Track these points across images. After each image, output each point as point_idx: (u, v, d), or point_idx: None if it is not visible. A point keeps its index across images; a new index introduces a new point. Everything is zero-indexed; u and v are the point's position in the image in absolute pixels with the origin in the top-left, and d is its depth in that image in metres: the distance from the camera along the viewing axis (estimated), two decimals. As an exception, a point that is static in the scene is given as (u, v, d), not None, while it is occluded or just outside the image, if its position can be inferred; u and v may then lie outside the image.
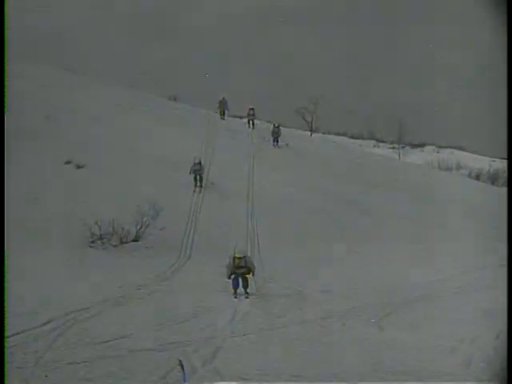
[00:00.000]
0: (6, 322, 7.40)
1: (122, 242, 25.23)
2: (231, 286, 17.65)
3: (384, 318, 15.01)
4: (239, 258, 17.70)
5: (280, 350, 11.26)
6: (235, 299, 17.13)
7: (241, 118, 57.16)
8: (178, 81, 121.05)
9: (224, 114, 47.53)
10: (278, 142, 43.20)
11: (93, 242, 24.83)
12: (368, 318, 15.04)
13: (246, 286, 17.73)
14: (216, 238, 26.82)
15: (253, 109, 46.91)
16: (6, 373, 6.10)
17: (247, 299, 17.27)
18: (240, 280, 17.72)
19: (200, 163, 32.31)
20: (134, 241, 25.57)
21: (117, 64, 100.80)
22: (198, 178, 32.08)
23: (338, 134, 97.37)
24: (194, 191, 31.54)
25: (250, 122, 46.95)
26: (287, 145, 43.56)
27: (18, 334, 12.09)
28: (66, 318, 13.78)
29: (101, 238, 24.95)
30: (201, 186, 32.03)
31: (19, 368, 9.71)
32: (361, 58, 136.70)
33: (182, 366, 8.31)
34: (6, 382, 6.02)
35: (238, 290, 17.66)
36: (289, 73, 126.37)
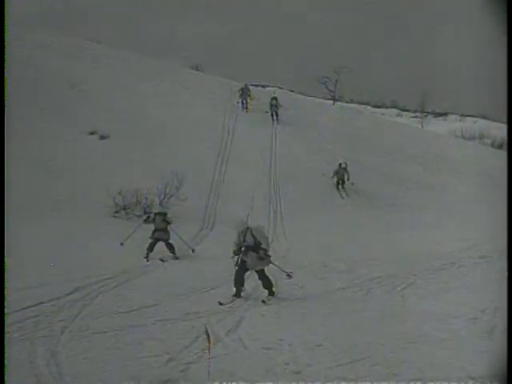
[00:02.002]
0: (5, 322, 7.49)
1: (145, 213, 25.38)
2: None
3: (407, 287, 15.04)
4: (240, 231, 13.87)
5: (302, 320, 11.34)
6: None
7: (263, 86, 56.92)
8: (200, 50, 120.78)
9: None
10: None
11: (117, 212, 25.00)
12: (391, 287, 15.08)
13: (268, 286, 13.58)
14: (239, 208, 26.88)
15: (275, 98, 39.98)
16: (5, 373, 6.21)
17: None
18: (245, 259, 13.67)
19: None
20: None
21: (142, 34, 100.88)
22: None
23: (360, 102, 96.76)
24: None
25: (274, 114, 39.18)
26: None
27: (43, 303, 12.30)
28: (91, 288, 13.97)
29: (124, 208, 25.13)
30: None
31: (45, 337, 9.87)
32: (385, 21, 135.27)
33: (207, 334, 8.40)
34: (6, 382, 6.14)
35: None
36: (312, 41, 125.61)
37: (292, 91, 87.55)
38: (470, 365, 8.28)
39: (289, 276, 13.38)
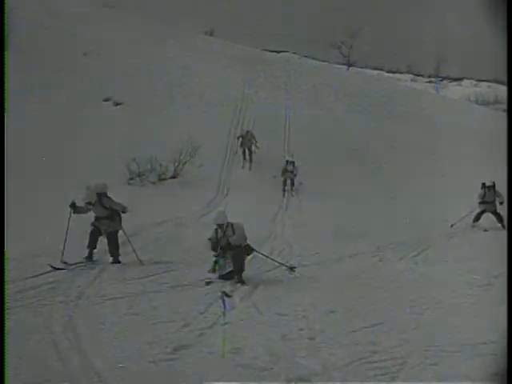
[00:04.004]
0: (5, 321, 7.57)
1: (160, 179, 25.47)
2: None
3: (420, 254, 15.10)
4: (219, 225, 12.21)
5: (316, 287, 11.41)
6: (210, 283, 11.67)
7: (277, 52, 56.02)
8: (214, 15, 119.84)
9: (250, 153, 29.25)
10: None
11: (131, 178, 25.08)
12: (404, 254, 15.14)
13: (237, 270, 11.80)
14: (254, 175, 26.94)
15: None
16: (5, 373, 6.30)
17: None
18: (222, 261, 12.03)
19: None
20: (172, 178, 25.81)
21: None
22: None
23: (375, 68, 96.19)
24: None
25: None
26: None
27: (60, 269, 12.43)
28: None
29: (139, 175, 25.20)
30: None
31: (61, 303, 9.99)
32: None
33: (223, 300, 8.47)
34: (6, 381, 6.23)
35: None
36: (326, 5, 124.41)
37: (306, 57, 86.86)
38: (484, 331, 8.33)
39: (291, 270, 12.56)
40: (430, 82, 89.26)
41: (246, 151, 29.30)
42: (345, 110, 38.51)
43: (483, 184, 20.12)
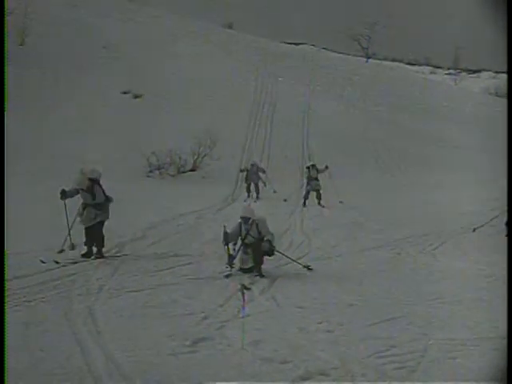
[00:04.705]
0: (5, 320, 7.64)
1: (179, 172, 25.55)
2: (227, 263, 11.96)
3: (439, 247, 15.05)
4: (245, 223, 11.86)
5: (335, 280, 11.42)
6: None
7: (296, 44, 55.84)
8: (233, 8, 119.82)
9: (257, 189, 24.14)
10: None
11: (150, 171, 25.20)
12: (423, 247, 15.10)
13: (256, 264, 11.77)
14: (272, 167, 26.91)
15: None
16: (5, 373, 6.37)
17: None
18: (245, 257, 11.90)
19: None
20: (191, 170, 25.88)
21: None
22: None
23: (394, 60, 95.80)
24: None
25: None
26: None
27: (79, 262, 12.53)
28: (126, 248, 14.17)
29: (158, 167, 25.30)
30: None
31: (81, 295, 10.07)
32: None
33: (242, 292, 8.50)
34: (6, 381, 6.30)
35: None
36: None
37: (325, 48, 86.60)
38: (503, 325, 8.30)
39: (308, 268, 12.23)
40: (449, 74, 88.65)
41: (252, 186, 23.97)
42: (364, 102, 38.34)
43: None
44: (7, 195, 13.35)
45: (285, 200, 23.05)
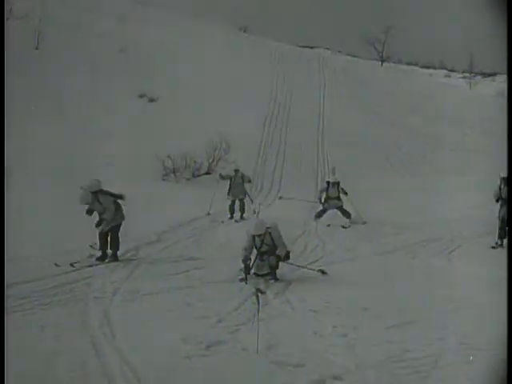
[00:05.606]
0: (5, 320, 7.68)
1: (194, 176, 25.61)
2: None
3: (454, 251, 14.99)
4: (258, 235, 11.68)
5: (349, 284, 11.41)
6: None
7: (311, 47, 55.99)
8: (248, 11, 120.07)
9: (242, 207, 20.08)
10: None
11: (166, 175, 25.27)
12: (438, 250, 15.05)
13: (271, 268, 11.76)
14: (287, 170, 26.97)
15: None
16: (5, 373, 6.40)
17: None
18: (260, 264, 11.83)
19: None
20: (206, 174, 25.93)
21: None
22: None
23: (408, 63, 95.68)
24: None
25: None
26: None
27: (94, 265, 12.59)
28: (140, 251, 14.22)
29: (173, 171, 25.37)
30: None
31: (97, 298, 10.12)
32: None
33: (257, 296, 8.53)
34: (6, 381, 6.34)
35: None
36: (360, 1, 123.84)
37: (339, 52, 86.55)
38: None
39: (322, 272, 12.08)
40: (463, 77, 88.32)
41: (237, 203, 19.96)
42: (378, 106, 38.27)
43: None
44: (22, 198, 13.42)
45: (280, 198, 22.69)
